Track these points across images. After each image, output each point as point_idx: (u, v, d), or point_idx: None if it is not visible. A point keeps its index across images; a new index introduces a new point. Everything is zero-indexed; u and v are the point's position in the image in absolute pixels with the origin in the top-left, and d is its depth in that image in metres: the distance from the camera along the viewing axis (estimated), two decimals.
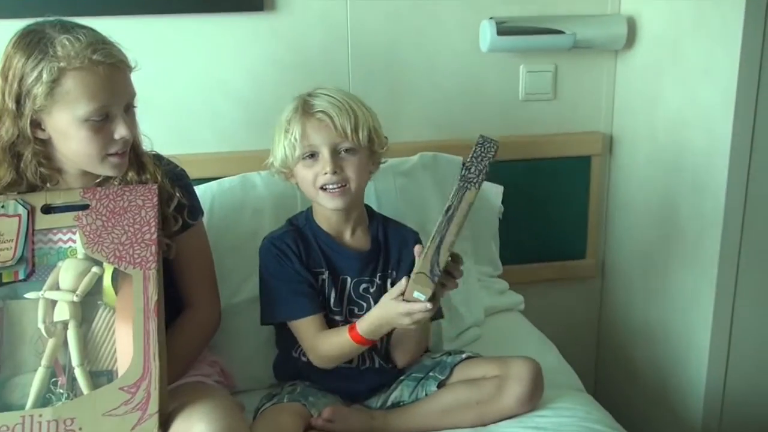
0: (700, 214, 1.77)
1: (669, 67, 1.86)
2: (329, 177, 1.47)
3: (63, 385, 1.26)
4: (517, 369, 1.46)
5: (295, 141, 1.47)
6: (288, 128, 1.49)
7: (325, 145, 1.47)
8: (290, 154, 1.49)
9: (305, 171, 1.50)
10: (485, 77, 2.01)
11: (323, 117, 1.47)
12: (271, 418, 1.43)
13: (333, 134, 1.47)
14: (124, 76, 1.33)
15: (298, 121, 1.48)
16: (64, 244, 1.36)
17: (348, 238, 1.58)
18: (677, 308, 1.89)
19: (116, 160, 1.35)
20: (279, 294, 1.53)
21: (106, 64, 1.28)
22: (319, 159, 1.48)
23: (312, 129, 1.47)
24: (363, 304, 1.56)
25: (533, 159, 2.08)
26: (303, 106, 1.49)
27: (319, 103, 1.49)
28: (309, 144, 1.47)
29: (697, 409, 1.83)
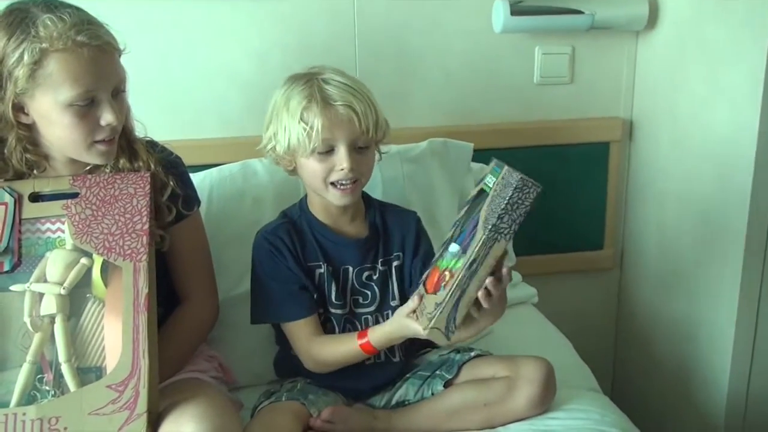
0: (725, 202, 1.72)
1: (692, 49, 1.81)
2: (345, 173, 1.41)
3: (49, 382, 1.23)
4: (528, 369, 1.41)
5: (315, 133, 1.38)
6: (304, 116, 1.40)
7: (344, 140, 1.40)
8: (304, 145, 1.40)
9: (316, 164, 1.42)
10: (498, 60, 1.97)
11: (347, 111, 1.39)
12: (268, 419, 1.38)
13: (356, 130, 1.40)
14: (110, 59, 1.27)
15: (319, 112, 1.38)
16: (52, 234, 1.32)
17: (346, 227, 1.53)
18: (700, 301, 1.85)
19: (103, 147, 1.30)
20: (271, 294, 1.48)
21: (90, 45, 1.22)
22: (334, 154, 1.41)
23: (334, 123, 1.39)
24: (367, 293, 1.52)
25: (549, 146, 2.03)
26: (321, 94, 1.40)
27: (340, 93, 1.40)
28: (328, 138, 1.39)
29: (720, 407, 1.79)
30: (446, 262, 1.28)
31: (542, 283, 1.96)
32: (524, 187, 1.16)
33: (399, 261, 1.53)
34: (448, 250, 1.29)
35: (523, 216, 1.17)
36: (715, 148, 1.74)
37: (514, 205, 1.16)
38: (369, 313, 1.51)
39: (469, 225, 1.25)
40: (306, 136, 1.39)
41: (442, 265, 1.28)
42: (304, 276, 1.48)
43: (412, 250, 1.53)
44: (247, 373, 1.61)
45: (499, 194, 1.18)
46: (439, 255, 1.32)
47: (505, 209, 1.17)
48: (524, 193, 1.16)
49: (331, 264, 1.50)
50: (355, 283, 1.51)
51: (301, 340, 1.46)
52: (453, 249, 1.27)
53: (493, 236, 1.18)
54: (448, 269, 1.25)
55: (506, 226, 1.17)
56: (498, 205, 1.18)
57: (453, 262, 1.25)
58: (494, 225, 1.17)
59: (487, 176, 1.26)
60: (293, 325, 1.47)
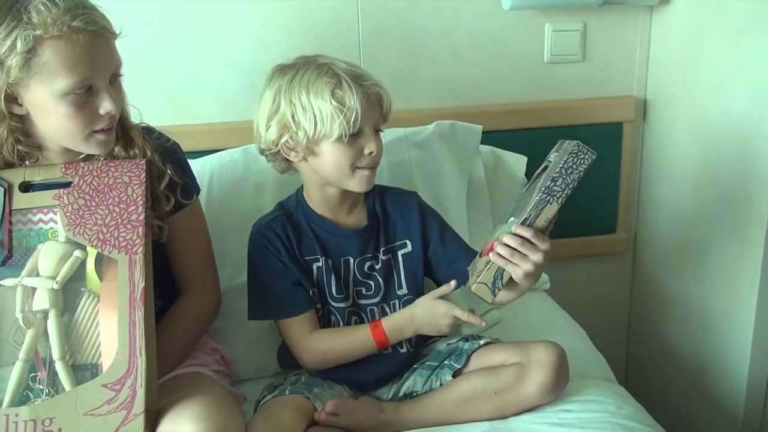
0: (744, 183, 1.68)
1: (710, 25, 1.77)
2: (373, 157, 1.39)
3: (43, 381, 1.20)
4: (540, 355, 1.36)
5: (353, 114, 1.34)
6: (337, 96, 1.34)
7: (372, 122, 1.39)
8: (339, 128, 1.34)
9: (343, 148, 1.37)
10: (507, 38, 1.93)
11: (376, 92, 1.39)
12: (271, 414, 1.34)
13: (380, 114, 1.41)
14: (107, 45, 1.23)
15: (354, 92, 1.34)
16: (44, 225, 1.28)
17: (344, 217, 1.49)
18: (718, 286, 1.81)
19: (103, 137, 1.26)
20: (266, 291, 1.46)
21: (87, 31, 1.18)
22: (360, 137, 1.38)
23: (370, 103, 1.38)
24: (370, 284, 1.48)
25: (560, 126, 1.98)
26: (348, 74, 1.36)
27: (363, 74, 1.39)
28: (363, 118, 1.36)
29: (739, 396, 1.76)
30: (501, 231, 1.30)
31: (553, 268, 1.88)
32: (579, 153, 1.21)
33: (407, 248, 1.49)
34: (506, 223, 1.31)
35: (577, 181, 1.21)
36: (735, 128, 1.70)
37: (568, 170, 1.20)
38: (374, 304, 1.48)
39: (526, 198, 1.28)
40: (343, 117, 1.34)
41: (496, 234, 1.32)
42: (299, 271, 1.44)
43: (420, 234, 1.49)
44: (251, 365, 1.58)
45: (556, 162, 1.22)
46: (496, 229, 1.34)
47: (560, 173, 1.21)
48: (579, 159, 1.20)
49: (329, 257, 1.46)
50: (357, 274, 1.48)
51: (296, 337, 1.45)
52: (511, 220, 1.30)
53: (545, 198, 1.22)
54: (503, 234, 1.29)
55: (559, 189, 1.21)
56: (553, 169, 1.21)
57: (505, 227, 1.29)
58: (547, 187, 1.21)
59: (552, 153, 1.29)
60: (288, 322, 1.45)
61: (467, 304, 1.66)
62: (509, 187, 1.85)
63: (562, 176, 1.20)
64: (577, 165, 1.20)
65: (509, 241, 1.26)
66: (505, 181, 1.85)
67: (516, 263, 1.26)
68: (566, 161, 1.20)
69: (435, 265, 1.50)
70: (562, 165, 1.20)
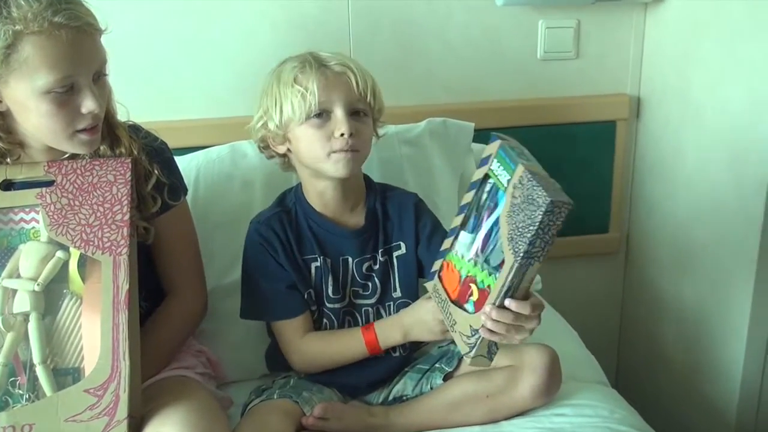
0: (739, 183, 1.67)
1: (705, 22, 1.75)
2: (344, 140, 1.33)
3: (23, 385, 1.17)
4: (531, 358, 1.35)
5: (310, 94, 1.33)
6: (298, 79, 1.35)
7: (341, 102, 1.34)
8: (299, 110, 1.33)
9: (312, 131, 1.35)
10: (500, 34, 1.91)
11: (343, 70, 1.36)
12: (258, 418, 1.32)
13: (352, 92, 1.35)
14: (91, 41, 1.19)
15: (314, 73, 1.34)
16: (26, 224, 1.26)
17: (344, 216, 1.46)
18: (711, 287, 1.80)
19: (86, 137, 1.23)
20: (259, 292, 1.44)
21: (69, 27, 1.14)
22: (331, 119, 1.34)
23: (330, 82, 1.34)
24: (368, 284, 1.46)
25: (553, 124, 1.98)
26: (314, 60, 1.37)
27: (334, 57, 1.38)
28: (325, 99, 1.33)
29: (732, 398, 1.75)
30: (459, 260, 1.22)
31: (545, 267, 1.83)
32: (555, 209, 1.05)
33: (401, 250, 1.47)
34: (458, 240, 1.24)
35: (555, 234, 1.08)
36: (730, 127, 1.69)
37: (545, 228, 1.07)
38: (369, 305, 1.46)
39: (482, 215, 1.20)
40: (301, 98, 1.33)
41: (457, 264, 1.23)
42: (295, 272, 1.42)
43: (413, 235, 1.46)
44: (238, 367, 1.56)
45: (523, 210, 1.08)
46: (450, 246, 1.26)
47: (536, 234, 1.06)
48: (555, 215, 1.06)
49: (328, 256, 1.44)
50: (356, 275, 1.45)
51: (287, 340, 1.43)
52: (464, 239, 1.22)
53: (526, 263, 1.09)
54: (473, 280, 1.18)
55: (539, 250, 1.08)
56: (526, 227, 1.07)
57: (472, 267, 1.19)
58: (526, 252, 1.07)
59: (493, 161, 1.18)
60: (279, 324, 1.43)
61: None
62: None
63: (539, 237, 1.06)
64: (554, 221, 1.06)
65: (500, 317, 1.11)
66: None
67: (513, 335, 1.14)
68: (542, 222, 1.05)
69: (423, 267, 1.47)
70: (538, 226, 1.05)
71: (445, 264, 1.26)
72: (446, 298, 1.24)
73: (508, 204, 1.11)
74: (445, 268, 1.26)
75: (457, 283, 1.22)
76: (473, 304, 1.17)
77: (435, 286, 1.28)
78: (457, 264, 1.23)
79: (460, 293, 1.21)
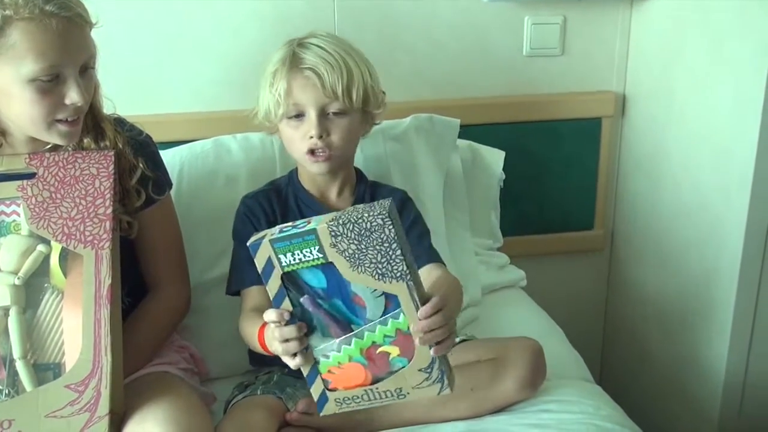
0: (724, 181, 1.67)
1: (692, 19, 1.74)
2: (314, 141, 1.37)
3: (2, 381, 1.16)
4: (515, 350, 1.35)
5: (280, 98, 1.37)
6: (273, 82, 1.39)
7: (311, 105, 1.37)
8: (274, 110, 1.39)
9: (290, 131, 1.40)
10: (486, 30, 1.90)
11: (311, 75, 1.36)
12: (241, 415, 1.31)
13: (321, 95, 1.36)
14: (80, 33, 1.19)
15: (284, 76, 1.37)
16: (6, 217, 1.24)
17: (333, 198, 1.47)
18: (696, 284, 1.80)
19: (65, 128, 1.22)
20: (238, 260, 1.43)
21: (59, 17, 1.14)
22: (305, 120, 1.37)
23: (298, 87, 1.36)
24: None
25: (538, 121, 1.97)
26: (291, 58, 1.38)
27: (309, 57, 1.37)
28: (294, 103, 1.37)
29: (716, 395, 1.75)
30: (339, 356, 1.11)
31: (529, 264, 1.93)
32: (392, 214, 1.01)
33: None
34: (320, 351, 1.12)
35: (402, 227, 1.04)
36: (715, 125, 1.68)
37: (399, 235, 1.02)
38: None
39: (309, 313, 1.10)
40: (275, 102, 1.38)
41: (342, 360, 1.12)
42: None
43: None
44: (221, 363, 1.55)
45: (367, 246, 1.03)
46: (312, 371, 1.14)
47: (399, 246, 1.01)
48: (394, 219, 1.01)
49: None
50: None
51: (241, 308, 1.39)
52: (320, 344, 1.11)
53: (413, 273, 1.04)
54: (374, 347, 1.10)
55: (408, 252, 1.04)
56: (387, 251, 1.02)
57: (355, 347, 1.10)
58: (407, 266, 1.03)
59: (279, 260, 1.07)
60: (244, 292, 1.40)
61: None
62: (487, 182, 1.84)
63: (402, 246, 1.02)
64: (396, 223, 1.01)
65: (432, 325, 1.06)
66: (483, 176, 1.82)
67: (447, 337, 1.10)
68: (395, 233, 1.01)
69: None
70: (395, 240, 1.01)
71: (328, 378, 1.13)
72: (361, 392, 1.13)
73: (342, 260, 1.04)
74: (334, 382, 1.13)
75: (362, 369, 1.12)
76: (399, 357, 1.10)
77: (338, 403, 1.15)
78: (341, 360, 1.12)
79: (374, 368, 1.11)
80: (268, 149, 1.65)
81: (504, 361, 1.34)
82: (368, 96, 1.41)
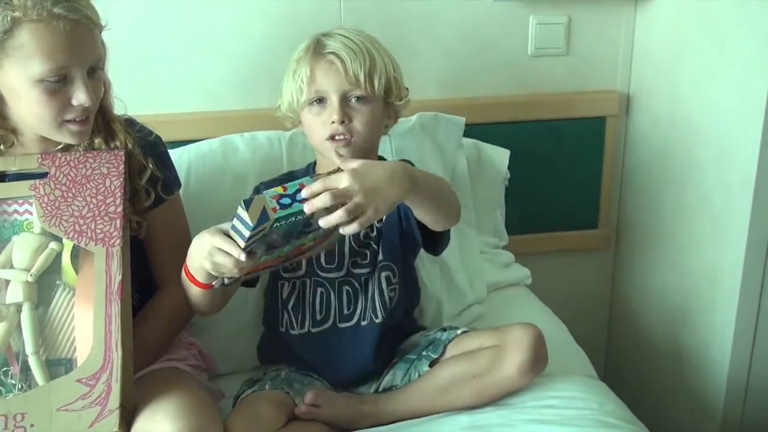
0: (727, 181, 1.66)
1: (696, 19, 1.74)
2: (336, 127, 1.37)
3: (15, 375, 1.17)
4: (516, 336, 1.35)
5: (303, 84, 1.38)
6: (296, 69, 1.40)
7: (334, 91, 1.37)
8: (296, 98, 1.40)
9: (312, 118, 1.40)
10: (491, 29, 1.90)
11: (334, 59, 1.37)
12: (250, 408, 1.32)
13: (343, 79, 1.37)
14: (89, 35, 1.20)
15: (308, 62, 1.39)
16: (19, 216, 1.26)
17: None
18: (699, 283, 1.79)
19: (75, 128, 1.23)
20: None
21: (68, 19, 1.16)
22: (327, 106, 1.38)
23: (321, 72, 1.38)
24: (366, 252, 1.45)
25: (542, 120, 1.97)
26: (315, 46, 1.40)
27: (332, 43, 1.39)
28: (317, 89, 1.38)
29: (719, 391, 1.74)
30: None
31: (533, 262, 1.92)
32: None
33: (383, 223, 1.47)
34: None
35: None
36: (719, 124, 1.68)
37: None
38: (367, 274, 1.45)
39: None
40: (297, 89, 1.39)
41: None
42: None
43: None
44: (229, 359, 1.56)
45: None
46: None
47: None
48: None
49: None
50: (353, 243, 1.45)
51: None
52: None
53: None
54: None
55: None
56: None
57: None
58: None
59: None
60: None
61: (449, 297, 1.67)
62: (492, 181, 1.84)
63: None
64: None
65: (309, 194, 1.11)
66: (488, 175, 1.83)
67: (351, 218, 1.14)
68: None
69: (403, 227, 1.45)
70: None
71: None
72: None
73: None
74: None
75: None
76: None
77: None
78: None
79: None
80: (275, 148, 1.66)
81: (505, 346, 1.35)
82: (390, 86, 1.41)
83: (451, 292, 1.67)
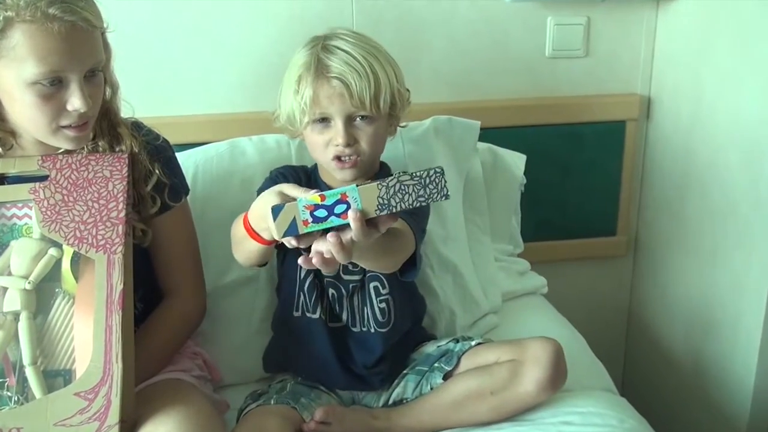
0: (752, 186, 1.63)
1: (720, 19, 1.71)
2: (341, 149, 1.33)
3: (11, 387, 1.15)
4: (535, 350, 1.33)
5: (305, 106, 1.33)
6: (298, 89, 1.34)
7: (338, 114, 1.33)
8: (299, 117, 1.35)
9: (316, 136, 1.36)
10: (508, 31, 1.87)
11: (338, 85, 1.31)
12: (256, 422, 1.28)
13: (348, 104, 1.33)
14: (87, 38, 1.15)
15: (310, 84, 1.33)
16: (19, 220, 1.23)
17: None
18: (723, 292, 1.76)
19: (72, 133, 1.19)
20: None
21: (63, 21, 1.11)
22: (332, 126, 1.34)
23: (325, 96, 1.32)
24: None
25: (560, 124, 1.95)
26: (317, 65, 1.33)
27: (336, 65, 1.32)
28: (321, 111, 1.33)
29: (744, 407, 1.71)
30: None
31: (550, 270, 1.90)
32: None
33: None
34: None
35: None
36: (743, 128, 1.65)
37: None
38: (357, 281, 1.41)
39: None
40: (299, 109, 1.35)
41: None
42: None
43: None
44: (234, 369, 1.53)
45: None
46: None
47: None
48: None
49: None
50: None
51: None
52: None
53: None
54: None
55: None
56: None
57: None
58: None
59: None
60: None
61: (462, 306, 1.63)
62: (507, 186, 1.80)
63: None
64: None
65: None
66: (504, 180, 1.79)
67: None
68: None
69: None
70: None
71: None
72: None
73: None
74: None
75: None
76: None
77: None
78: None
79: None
80: (284, 151, 1.63)
81: (523, 362, 1.32)
82: (395, 99, 1.38)
83: (464, 301, 1.64)
